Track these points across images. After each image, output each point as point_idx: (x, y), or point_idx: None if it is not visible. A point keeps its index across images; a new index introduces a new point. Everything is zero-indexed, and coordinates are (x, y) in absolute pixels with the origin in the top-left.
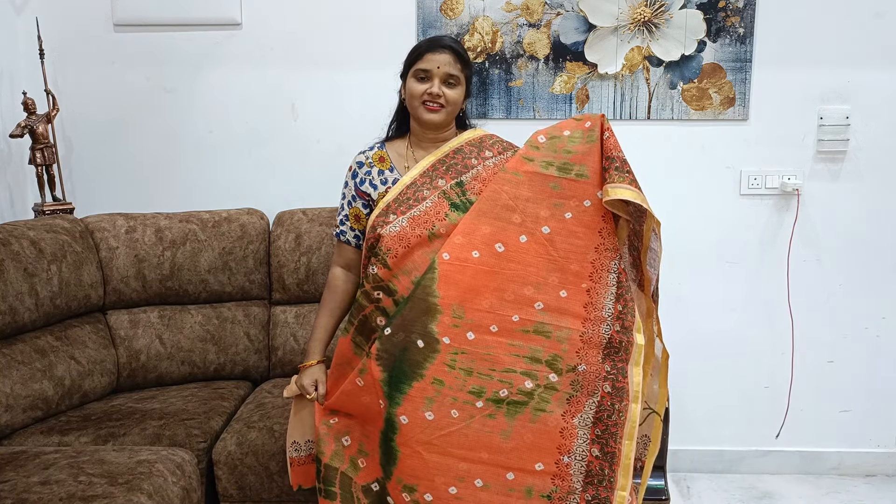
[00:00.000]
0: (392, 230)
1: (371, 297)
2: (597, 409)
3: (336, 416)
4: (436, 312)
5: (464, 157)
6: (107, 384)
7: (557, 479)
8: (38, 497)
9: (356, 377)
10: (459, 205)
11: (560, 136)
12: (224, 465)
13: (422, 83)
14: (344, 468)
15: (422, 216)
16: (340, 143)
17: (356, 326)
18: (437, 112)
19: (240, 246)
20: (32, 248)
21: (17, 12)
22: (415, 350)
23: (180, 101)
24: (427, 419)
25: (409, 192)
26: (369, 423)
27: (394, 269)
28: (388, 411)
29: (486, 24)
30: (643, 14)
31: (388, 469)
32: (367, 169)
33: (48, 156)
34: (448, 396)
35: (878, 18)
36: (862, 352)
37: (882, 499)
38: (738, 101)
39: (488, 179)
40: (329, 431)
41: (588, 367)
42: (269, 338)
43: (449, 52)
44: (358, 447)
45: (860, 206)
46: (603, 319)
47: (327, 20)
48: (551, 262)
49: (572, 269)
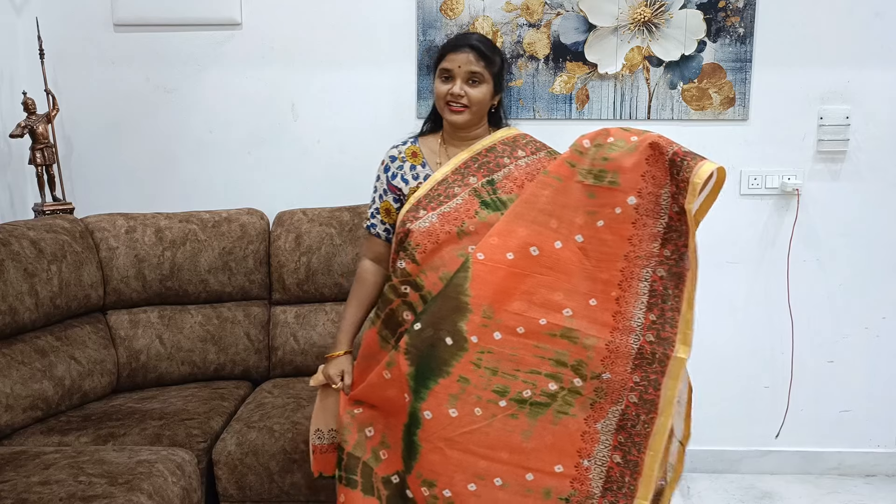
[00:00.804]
0: (421, 226)
1: (398, 292)
2: (620, 418)
3: (360, 407)
4: (466, 311)
5: (496, 156)
6: (107, 384)
7: (576, 483)
8: (38, 497)
9: (383, 370)
10: (490, 203)
11: (604, 143)
12: (224, 465)
13: (445, 83)
14: (366, 458)
15: (452, 213)
16: (340, 143)
17: (382, 320)
18: (461, 113)
19: (240, 246)
20: (32, 248)
21: (17, 12)
22: (443, 347)
23: (180, 101)
24: (450, 416)
25: (440, 188)
26: (393, 415)
27: (422, 264)
28: (412, 405)
29: (485, 24)
30: (643, 14)
31: (408, 463)
32: (399, 164)
33: (48, 156)
34: (472, 394)
35: (878, 18)
36: (862, 352)
37: (882, 499)
38: (738, 101)
39: (520, 179)
40: (353, 421)
41: (613, 376)
42: (269, 338)
43: (470, 51)
44: (381, 439)
45: (860, 206)
46: (632, 329)
47: (327, 20)
48: (583, 270)
49: (602, 278)
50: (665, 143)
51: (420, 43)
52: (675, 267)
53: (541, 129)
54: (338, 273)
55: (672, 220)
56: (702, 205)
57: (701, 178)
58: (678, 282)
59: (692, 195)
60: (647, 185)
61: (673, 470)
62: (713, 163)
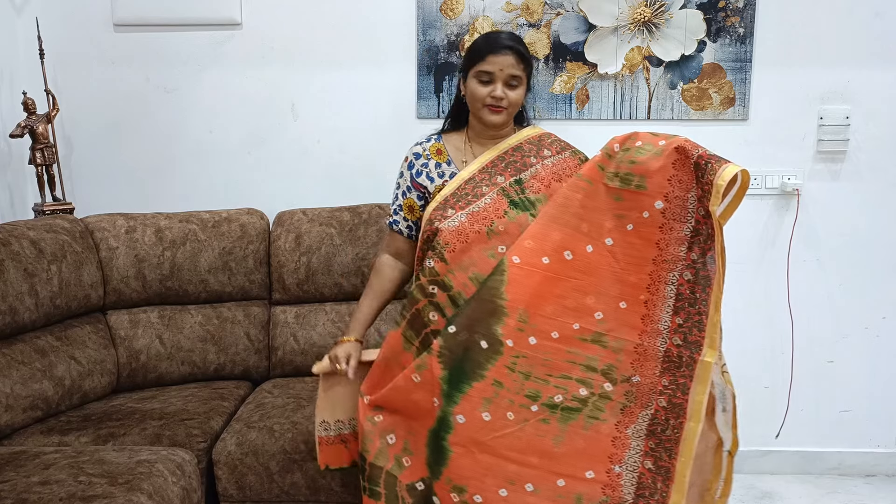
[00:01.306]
0: (450, 225)
1: (426, 292)
2: (650, 423)
3: (381, 413)
4: (502, 315)
5: (523, 155)
6: (107, 384)
7: (608, 489)
8: (38, 497)
9: (412, 373)
10: (518, 203)
11: (631, 147)
12: (224, 465)
13: (485, 86)
14: (389, 467)
15: (481, 212)
16: (340, 143)
17: (408, 320)
18: (500, 114)
19: (240, 246)
20: (32, 248)
21: (17, 12)
22: (478, 350)
23: (180, 101)
24: (483, 420)
25: (467, 187)
26: (416, 420)
27: (451, 263)
28: (442, 410)
29: (486, 24)
30: (643, 14)
31: (436, 469)
32: (423, 161)
33: (48, 156)
34: (505, 399)
35: (878, 18)
36: (862, 352)
37: (882, 499)
38: (738, 101)
39: (546, 178)
40: (374, 429)
41: (643, 379)
42: (269, 338)
43: (511, 54)
44: (403, 445)
45: (860, 206)
46: (659, 332)
47: (327, 20)
48: (613, 274)
49: (631, 281)
50: (691, 146)
51: (420, 43)
52: (702, 270)
53: None
54: (338, 273)
55: (699, 224)
56: (727, 208)
57: (724, 180)
58: (705, 285)
59: (716, 198)
60: (674, 189)
61: (724, 482)
62: (737, 166)
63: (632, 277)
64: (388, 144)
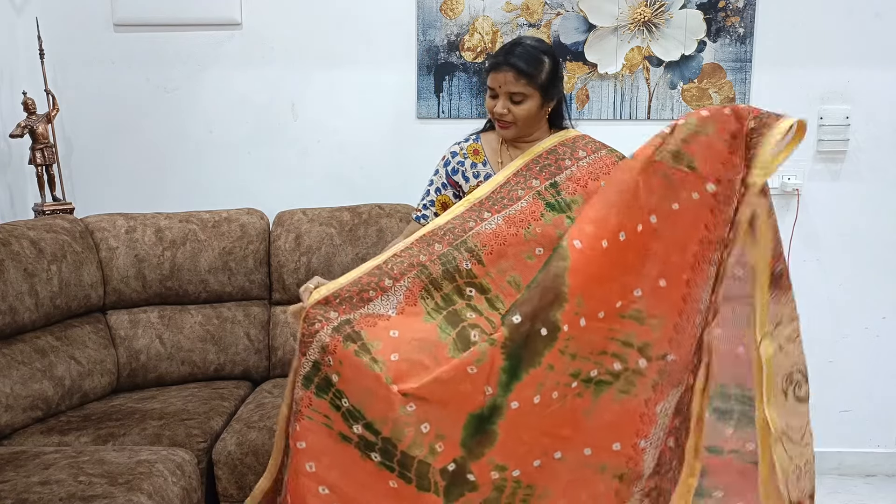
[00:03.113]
0: (487, 228)
1: (464, 294)
2: (679, 401)
3: (412, 402)
4: (563, 301)
5: (557, 158)
6: (107, 384)
7: (631, 462)
8: (38, 497)
9: (469, 365)
10: (555, 205)
11: (682, 123)
12: (224, 465)
13: (493, 100)
14: (422, 456)
15: (517, 216)
16: (340, 143)
17: (445, 317)
18: (508, 129)
19: (240, 246)
20: (32, 248)
21: (17, 12)
22: (537, 338)
23: (180, 101)
24: (534, 403)
25: (502, 191)
26: (454, 406)
27: (488, 266)
28: (496, 398)
29: (486, 24)
30: (643, 14)
31: (476, 451)
32: (460, 159)
33: (48, 156)
34: (553, 380)
35: (878, 18)
36: (862, 352)
37: (882, 499)
38: (738, 101)
39: (583, 179)
40: (409, 420)
41: (678, 357)
42: (270, 338)
43: (509, 70)
44: (436, 432)
45: (860, 206)
46: (699, 311)
47: (327, 20)
48: (655, 253)
49: (673, 260)
50: (741, 113)
51: (420, 43)
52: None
53: None
54: (338, 273)
55: (739, 204)
56: (780, 154)
57: (769, 153)
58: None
59: (761, 170)
60: (728, 172)
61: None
62: (789, 119)
63: (674, 257)
64: (388, 144)
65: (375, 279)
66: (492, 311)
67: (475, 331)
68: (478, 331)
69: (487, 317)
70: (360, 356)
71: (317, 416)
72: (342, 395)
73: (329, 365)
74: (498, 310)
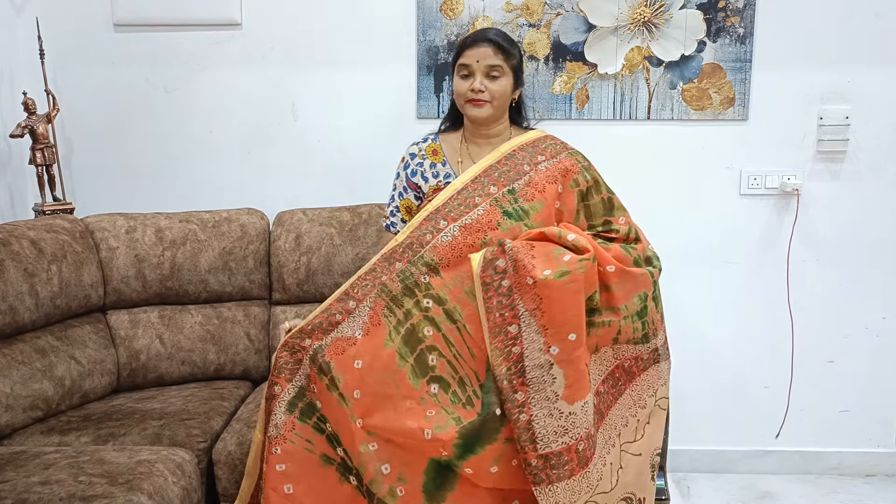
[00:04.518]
0: (444, 239)
1: (421, 306)
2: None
3: (375, 442)
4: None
5: (516, 163)
6: (107, 384)
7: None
8: (38, 497)
9: (425, 427)
10: (512, 213)
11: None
12: (224, 465)
13: (465, 80)
14: (381, 495)
15: (474, 224)
16: (340, 143)
17: (402, 336)
18: (482, 106)
19: (240, 246)
20: (33, 248)
21: (17, 12)
22: (493, 419)
23: (180, 101)
24: (492, 472)
25: (459, 197)
26: (415, 452)
27: (445, 278)
28: (451, 460)
29: (485, 24)
30: (643, 14)
31: (438, 495)
32: (419, 160)
33: (48, 156)
34: (513, 449)
35: (878, 18)
36: (862, 352)
37: (882, 499)
38: (738, 101)
39: (541, 183)
40: (370, 458)
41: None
42: (270, 338)
43: (488, 45)
44: (398, 475)
45: (860, 206)
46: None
47: (327, 20)
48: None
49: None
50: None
51: (420, 43)
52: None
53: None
54: (338, 273)
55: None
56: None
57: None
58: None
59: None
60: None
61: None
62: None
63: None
64: (388, 144)
65: (342, 304)
66: (450, 325)
67: (433, 354)
68: (435, 354)
69: (445, 334)
70: (331, 391)
71: (299, 440)
72: (326, 420)
73: (313, 392)
74: (455, 322)
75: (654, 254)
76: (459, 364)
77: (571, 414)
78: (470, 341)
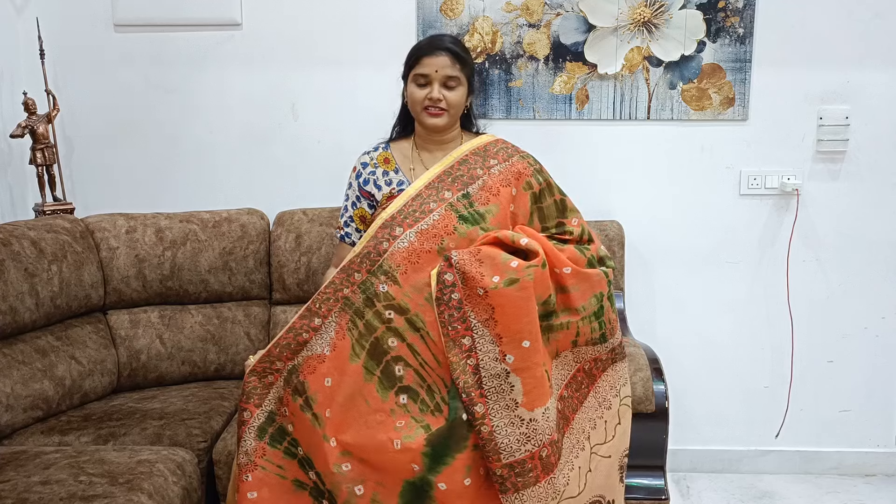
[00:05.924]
0: (401, 245)
1: (382, 318)
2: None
3: (349, 462)
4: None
5: (469, 168)
6: (107, 384)
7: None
8: (38, 497)
9: (395, 438)
10: (468, 217)
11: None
12: (224, 465)
13: (422, 89)
14: None
15: (430, 230)
16: (340, 143)
17: (367, 350)
18: (440, 116)
19: (240, 246)
20: (33, 248)
21: (17, 12)
22: (460, 425)
23: (180, 101)
24: (466, 486)
25: (414, 203)
26: (389, 472)
27: (403, 285)
28: (424, 475)
29: (485, 24)
30: (643, 14)
31: None
32: (371, 169)
33: (48, 156)
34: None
35: (878, 18)
36: (862, 352)
37: (882, 499)
38: (738, 102)
39: (495, 187)
40: (343, 479)
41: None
42: (270, 338)
43: (446, 54)
44: (371, 497)
45: (860, 206)
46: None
47: (327, 20)
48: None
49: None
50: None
51: None
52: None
53: (540, 130)
54: None
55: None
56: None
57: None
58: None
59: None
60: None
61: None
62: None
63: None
64: None
65: (307, 321)
66: (413, 334)
67: (399, 364)
68: (402, 364)
69: (410, 343)
70: (305, 412)
71: (270, 465)
72: (297, 443)
73: (284, 415)
74: (419, 330)
75: (606, 254)
76: (427, 372)
77: (532, 421)
78: (434, 348)
